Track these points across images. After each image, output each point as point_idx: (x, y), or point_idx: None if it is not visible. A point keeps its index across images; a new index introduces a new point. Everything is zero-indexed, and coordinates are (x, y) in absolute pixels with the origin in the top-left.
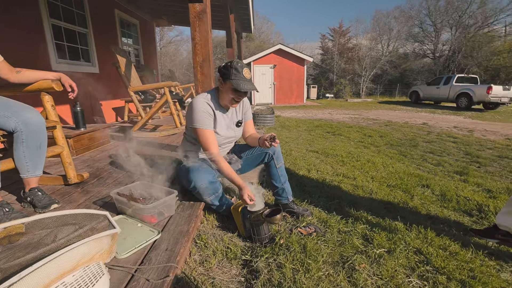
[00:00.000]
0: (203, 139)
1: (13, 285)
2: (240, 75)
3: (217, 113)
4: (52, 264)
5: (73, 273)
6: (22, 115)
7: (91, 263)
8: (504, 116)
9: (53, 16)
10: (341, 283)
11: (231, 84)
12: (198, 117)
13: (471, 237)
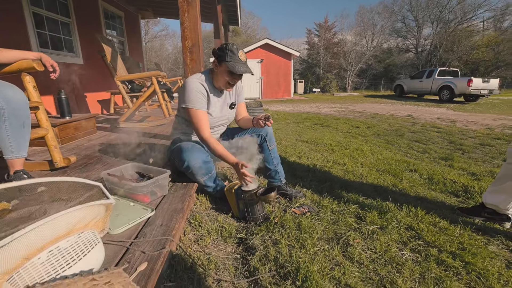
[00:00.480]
0: (195, 120)
1: (6, 245)
2: (235, 57)
3: (211, 95)
4: (47, 227)
5: (68, 238)
6: (2, 92)
7: (85, 230)
8: (484, 107)
9: (34, 4)
10: (337, 257)
11: (227, 66)
12: (191, 97)
13: (458, 215)
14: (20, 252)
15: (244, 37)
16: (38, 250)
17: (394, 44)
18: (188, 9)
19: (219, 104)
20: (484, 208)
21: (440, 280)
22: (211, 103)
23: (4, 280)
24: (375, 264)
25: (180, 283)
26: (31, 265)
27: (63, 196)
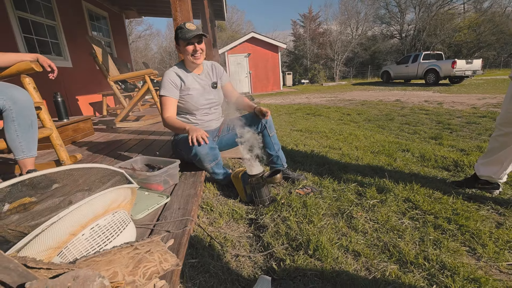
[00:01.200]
0: (161, 104)
1: (53, 224)
2: (184, 29)
3: (188, 78)
4: (87, 206)
5: (104, 217)
6: (8, 93)
7: (118, 210)
8: (468, 88)
9: (19, 8)
10: (342, 229)
11: (182, 41)
12: (162, 84)
13: (453, 188)
14: (66, 229)
15: (230, 32)
16: (82, 227)
17: (379, 31)
18: (180, 5)
19: (199, 85)
20: (477, 180)
21: (438, 241)
22: (189, 84)
23: (55, 254)
24: (378, 232)
25: (202, 260)
26: (77, 240)
27: (85, 186)
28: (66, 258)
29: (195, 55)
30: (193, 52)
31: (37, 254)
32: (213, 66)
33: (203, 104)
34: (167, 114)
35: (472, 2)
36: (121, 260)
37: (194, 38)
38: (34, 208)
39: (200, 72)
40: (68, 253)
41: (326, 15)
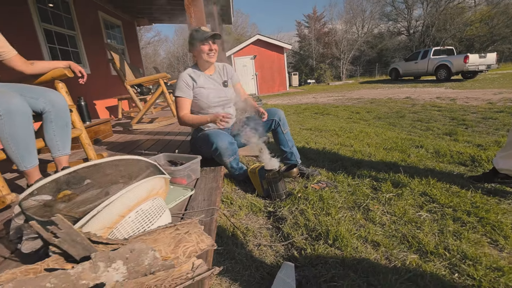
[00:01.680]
0: (177, 104)
1: (108, 206)
2: (200, 31)
3: (200, 78)
4: (132, 192)
5: (146, 202)
6: (48, 96)
7: (156, 197)
8: (483, 83)
9: (44, 20)
10: (360, 221)
11: (198, 41)
12: (177, 86)
13: (471, 183)
14: (117, 211)
15: (235, 35)
16: (129, 210)
17: (385, 28)
18: (194, 11)
19: (212, 84)
20: (496, 174)
21: (458, 233)
22: (201, 85)
23: (107, 234)
24: (396, 224)
25: (227, 248)
26: (125, 222)
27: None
28: (115, 238)
29: (209, 53)
30: (208, 51)
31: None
32: (224, 67)
33: (214, 102)
34: (182, 112)
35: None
36: (164, 240)
37: (210, 38)
38: (76, 198)
39: (212, 72)
40: (118, 233)
41: (331, 15)
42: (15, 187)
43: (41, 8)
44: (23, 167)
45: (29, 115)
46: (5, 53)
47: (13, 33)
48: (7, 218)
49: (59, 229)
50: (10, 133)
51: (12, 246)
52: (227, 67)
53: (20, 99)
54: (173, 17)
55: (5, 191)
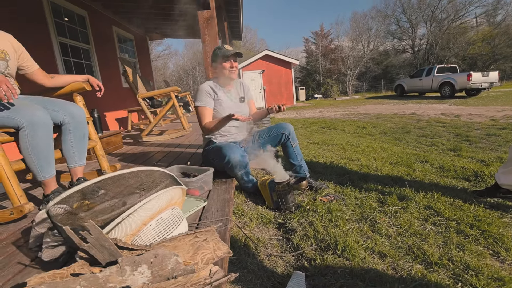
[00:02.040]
0: (199, 114)
1: (132, 214)
2: (223, 49)
3: (220, 92)
4: (154, 200)
5: (166, 211)
6: (68, 109)
7: (175, 206)
8: (486, 100)
9: (60, 34)
10: (367, 232)
11: (220, 59)
12: (198, 96)
13: (474, 198)
14: (140, 218)
15: (244, 50)
16: (151, 218)
17: (390, 46)
18: (208, 29)
19: (230, 99)
20: (498, 189)
21: (461, 244)
22: (220, 98)
23: (130, 240)
24: (402, 236)
25: (239, 257)
26: (146, 229)
27: (136, 190)
28: (138, 244)
29: (231, 70)
30: (229, 68)
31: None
32: (241, 84)
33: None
34: (205, 121)
35: (484, 15)
36: (184, 246)
37: (232, 56)
38: (95, 208)
39: (230, 88)
40: (140, 240)
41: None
42: (30, 197)
43: (58, 22)
44: (42, 177)
45: (50, 127)
46: (28, 67)
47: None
48: (24, 227)
49: (90, 234)
50: (32, 144)
51: (31, 254)
52: (244, 84)
53: (43, 111)
54: (183, 33)
55: (23, 201)
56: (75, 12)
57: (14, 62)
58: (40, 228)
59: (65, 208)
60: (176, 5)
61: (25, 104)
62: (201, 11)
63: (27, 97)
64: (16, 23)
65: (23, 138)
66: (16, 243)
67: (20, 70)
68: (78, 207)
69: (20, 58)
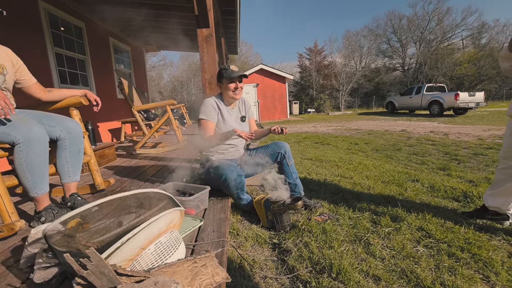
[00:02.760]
0: (203, 127)
1: (131, 238)
2: (228, 70)
3: (223, 110)
4: (154, 224)
5: (165, 235)
6: (64, 124)
7: (173, 229)
8: (473, 119)
9: (57, 44)
10: (361, 254)
11: (226, 80)
12: (203, 109)
13: (464, 219)
14: (139, 243)
15: (239, 63)
16: (150, 242)
17: (382, 63)
18: (207, 47)
19: (232, 118)
20: (486, 211)
21: (453, 268)
22: (224, 116)
23: (128, 265)
24: (395, 259)
25: (235, 280)
26: (145, 254)
27: (132, 209)
28: (136, 270)
29: (235, 91)
30: (234, 88)
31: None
32: (243, 102)
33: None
34: (207, 134)
35: (470, 38)
36: (182, 272)
37: (237, 78)
38: (90, 228)
39: (233, 106)
40: (138, 265)
41: (331, 49)
42: (19, 211)
43: (55, 33)
44: (34, 194)
45: (46, 143)
46: (26, 80)
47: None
48: (13, 246)
49: (90, 261)
50: (27, 160)
51: (22, 275)
52: (246, 102)
53: (39, 127)
54: (180, 45)
55: (14, 218)
56: (72, 23)
57: (11, 76)
58: (32, 248)
59: (60, 230)
60: (174, 20)
61: (22, 120)
62: (201, 29)
63: (24, 111)
64: (13, 33)
65: (18, 154)
66: (6, 262)
67: (17, 84)
68: (73, 227)
69: (18, 72)
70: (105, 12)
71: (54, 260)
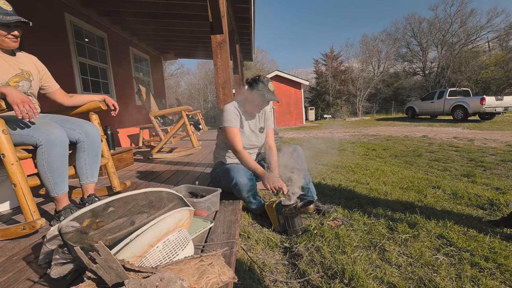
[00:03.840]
0: (230, 136)
1: (140, 235)
2: (266, 87)
3: (243, 117)
4: (162, 222)
5: (173, 233)
6: (83, 127)
7: (182, 228)
8: (501, 125)
9: (80, 54)
10: (376, 261)
11: (258, 94)
12: (227, 117)
13: (490, 228)
14: (148, 240)
15: (255, 70)
16: (158, 240)
17: (401, 68)
18: (221, 52)
19: (250, 128)
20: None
21: (476, 278)
22: (243, 124)
23: (137, 262)
24: (412, 266)
25: (244, 282)
26: (153, 251)
27: (144, 209)
28: (144, 265)
29: (259, 108)
30: (259, 106)
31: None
32: (263, 112)
33: (248, 145)
34: (239, 146)
35: (497, 40)
36: (189, 270)
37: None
38: (104, 226)
39: (253, 116)
40: (146, 262)
41: (347, 54)
42: (42, 211)
43: (79, 43)
44: (55, 194)
45: (66, 145)
46: (49, 87)
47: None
48: (34, 243)
49: (99, 255)
50: (48, 161)
51: (40, 270)
52: (266, 112)
53: (60, 130)
54: (197, 54)
55: (36, 216)
56: (95, 34)
57: (36, 83)
58: (50, 244)
59: (75, 226)
60: (190, 28)
61: (44, 123)
62: (215, 35)
63: (47, 115)
64: (42, 43)
65: (40, 155)
66: (27, 258)
67: (42, 90)
68: (88, 225)
69: (43, 79)
70: (125, 23)
71: (69, 256)
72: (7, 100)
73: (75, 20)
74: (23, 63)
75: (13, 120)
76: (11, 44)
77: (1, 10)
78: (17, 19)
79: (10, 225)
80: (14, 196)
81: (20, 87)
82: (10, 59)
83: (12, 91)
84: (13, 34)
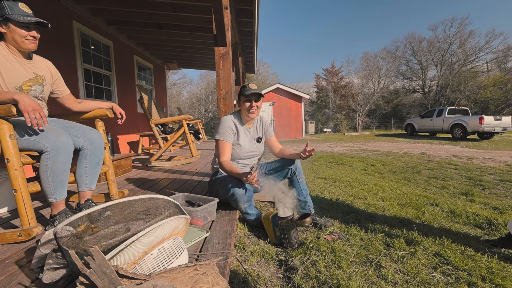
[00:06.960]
0: (219, 149)
1: (135, 242)
2: (246, 88)
3: (240, 129)
4: (158, 229)
5: (168, 241)
6: (88, 135)
7: (177, 236)
8: (500, 144)
9: (85, 61)
10: (372, 277)
11: (243, 97)
12: (221, 130)
13: (488, 248)
14: (143, 247)
15: (256, 82)
16: (153, 247)
17: (401, 85)
18: (223, 64)
19: (248, 138)
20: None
21: None
22: (240, 135)
23: (131, 268)
24: (409, 284)
25: None
26: (147, 258)
27: (141, 216)
28: (137, 272)
29: (250, 110)
30: (249, 107)
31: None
32: (261, 122)
33: (246, 155)
34: (224, 158)
35: (495, 61)
36: (182, 279)
37: (252, 96)
38: (99, 232)
39: (250, 125)
40: (140, 269)
41: (348, 70)
42: (37, 215)
43: (85, 50)
44: (53, 199)
45: (71, 152)
46: (61, 92)
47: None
48: (28, 247)
49: (93, 260)
50: (52, 168)
51: (32, 275)
52: (264, 122)
53: (66, 137)
54: (200, 64)
55: (33, 223)
56: (101, 41)
57: (48, 87)
58: (44, 249)
59: (71, 231)
60: (195, 40)
61: (51, 129)
62: (218, 47)
63: (54, 120)
64: (49, 49)
65: (44, 161)
66: (19, 262)
67: (53, 94)
68: (83, 230)
69: (55, 83)
70: (132, 32)
71: (62, 261)
72: (19, 107)
73: (82, 28)
74: (38, 67)
75: (22, 125)
76: (30, 46)
77: (21, 12)
78: (37, 20)
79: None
80: (12, 199)
81: (32, 91)
82: (26, 63)
83: (24, 98)
84: (32, 36)
